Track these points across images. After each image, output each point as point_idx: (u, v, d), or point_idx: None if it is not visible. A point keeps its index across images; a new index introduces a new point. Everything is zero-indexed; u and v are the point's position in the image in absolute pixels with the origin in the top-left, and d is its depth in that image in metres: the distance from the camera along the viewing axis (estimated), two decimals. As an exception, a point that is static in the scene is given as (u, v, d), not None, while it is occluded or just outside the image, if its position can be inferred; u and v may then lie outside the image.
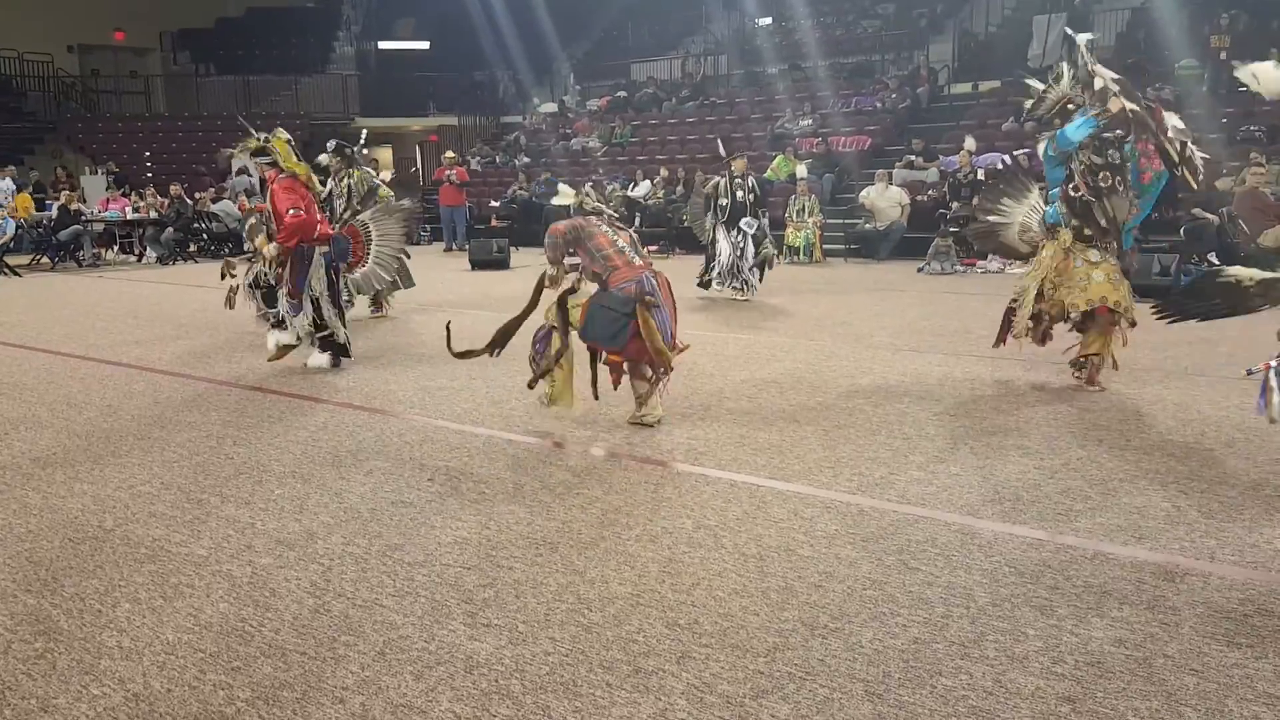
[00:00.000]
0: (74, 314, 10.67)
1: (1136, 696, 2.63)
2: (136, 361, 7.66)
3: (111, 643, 3.03)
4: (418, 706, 2.65)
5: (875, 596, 3.25)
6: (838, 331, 8.51)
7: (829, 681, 2.73)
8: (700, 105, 21.81)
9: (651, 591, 3.32)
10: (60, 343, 8.60)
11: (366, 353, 7.82)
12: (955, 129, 16.93)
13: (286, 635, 3.05)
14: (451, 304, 10.63)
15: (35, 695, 2.73)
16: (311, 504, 4.26)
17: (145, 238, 17.76)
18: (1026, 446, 4.90)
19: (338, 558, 3.65)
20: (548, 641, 2.98)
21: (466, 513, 4.11)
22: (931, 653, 2.87)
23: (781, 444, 5.06)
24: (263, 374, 7.05)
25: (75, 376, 7.13)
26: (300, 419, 5.74)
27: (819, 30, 22.60)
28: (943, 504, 4.13)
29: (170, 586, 3.43)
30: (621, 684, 2.74)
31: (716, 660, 2.85)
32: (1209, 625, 3.01)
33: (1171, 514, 3.95)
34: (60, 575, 3.55)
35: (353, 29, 28.89)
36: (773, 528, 3.89)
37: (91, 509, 4.25)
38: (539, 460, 4.85)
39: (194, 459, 4.97)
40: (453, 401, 6.10)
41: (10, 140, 22.83)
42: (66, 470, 4.83)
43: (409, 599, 3.30)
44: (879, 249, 15.29)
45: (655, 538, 3.80)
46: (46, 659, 2.94)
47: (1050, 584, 3.32)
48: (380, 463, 4.84)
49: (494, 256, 15.12)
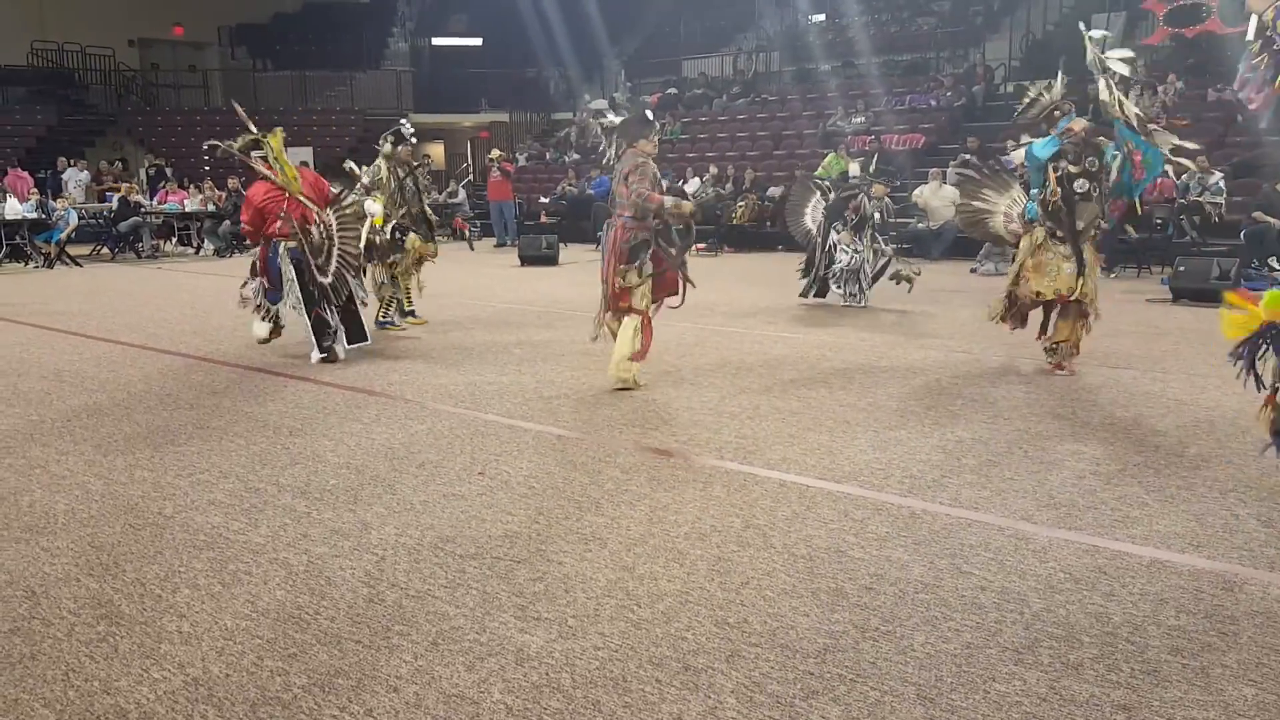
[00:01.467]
0: (133, 304, 10.89)
1: (1193, 706, 2.59)
2: (195, 352, 7.80)
3: (171, 627, 3.09)
4: (470, 697, 2.67)
5: (927, 600, 3.23)
6: (890, 331, 8.45)
7: (880, 684, 2.72)
8: (751, 102, 21.75)
9: (700, 589, 3.33)
10: (120, 332, 8.78)
11: (417, 349, 7.91)
12: (1011, 127, 16.69)
13: (341, 623, 3.10)
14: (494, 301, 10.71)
15: (98, 677, 2.80)
16: (365, 495, 4.31)
17: (203, 230, 18.08)
18: (1082, 452, 4.84)
19: (391, 548, 3.70)
20: (597, 636, 3.00)
21: (517, 507, 4.14)
22: (984, 658, 2.85)
23: (832, 444, 5.04)
24: (315, 366, 7.15)
25: (135, 365, 7.28)
26: (354, 411, 5.81)
27: (873, 27, 22.42)
28: (996, 508, 4.09)
29: (228, 573, 3.50)
30: (671, 681, 2.75)
31: (766, 660, 2.85)
32: (1268, 635, 2.96)
33: (1230, 522, 3.88)
34: (121, 560, 3.63)
35: (407, 25, 29.19)
36: (823, 528, 3.87)
37: (152, 495, 4.34)
38: (588, 456, 4.87)
39: (251, 449, 5.06)
40: (502, 397, 6.14)
41: (72, 132, 23.36)
42: (127, 457, 4.93)
43: (461, 590, 3.33)
44: (931, 249, 15.14)
45: (704, 536, 3.80)
46: (108, 642, 3.01)
47: (1106, 591, 3.27)
48: (432, 455, 4.89)
49: (543, 253, 15.19)
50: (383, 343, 8.08)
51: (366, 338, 7.62)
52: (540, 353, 7.56)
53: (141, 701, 2.67)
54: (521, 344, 7.97)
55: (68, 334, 8.73)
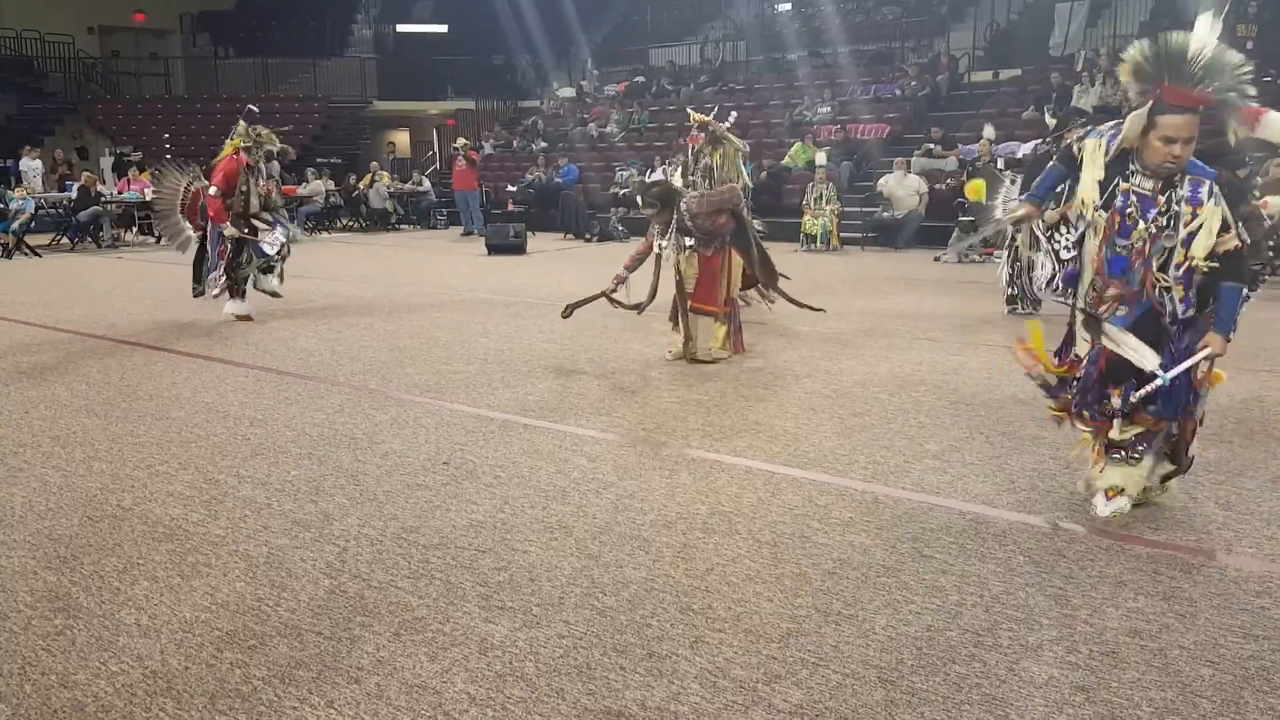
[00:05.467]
0: (93, 294, 10.74)
1: (1151, 687, 2.62)
2: (155, 342, 7.70)
3: (130, 620, 3.05)
4: (432, 687, 2.66)
5: (889, 584, 3.25)
6: (854, 319, 8.49)
7: (842, 667, 2.73)
8: (719, 91, 21.74)
9: (666, 576, 3.33)
10: (79, 323, 8.65)
11: (382, 337, 7.85)
12: (975, 117, 16.80)
13: (303, 615, 3.07)
14: (463, 291, 10.67)
15: (55, 671, 2.76)
16: (327, 486, 4.28)
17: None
18: (1041, 437, 4.88)
19: (353, 539, 3.67)
20: (562, 625, 3.00)
21: (482, 496, 4.12)
22: (945, 640, 2.87)
23: (797, 431, 5.06)
24: (278, 356, 7.08)
25: (94, 356, 7.18)
26: (317, 401, 5.76)
27: (839, 17, 22.47)
28: (957, 493, 4.12)
29: (188, 565, 3.46)
30: (635, 668, 2.75)
31: (730, 645, 2.86)
32: (1225, 617, 3.00)
33: (1189, 505, 3.93)
34: (79, 553, 3.58)
35: (371, 12, 28.91)
36: (787, 514, 3.89)
37: (110, 488, 4.29)
38: (554, 445, 4.86)
39: (211, 439, 5.00)
40: (468, 386, 6.11)
41: (31, 121, 22.95)
42: (85, 449, 4.87)
43: (424, 581, 3.31)
44: (897, 237, 15.22)
45: (670, 523, 3.81)
46: (66, 635, 2.97)
47: (1065, 574, 3.31)
48: (396, 445, 4.86)
49: (510, 241, 15.11)
50: (345, 331, 8.02)
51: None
52: (507, 342, 7.54)
53: (99, 695, 2.64)
54: (488, 333, 7.94)
55: (26, 325, 8.59)
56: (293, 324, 8.49)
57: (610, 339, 7.45)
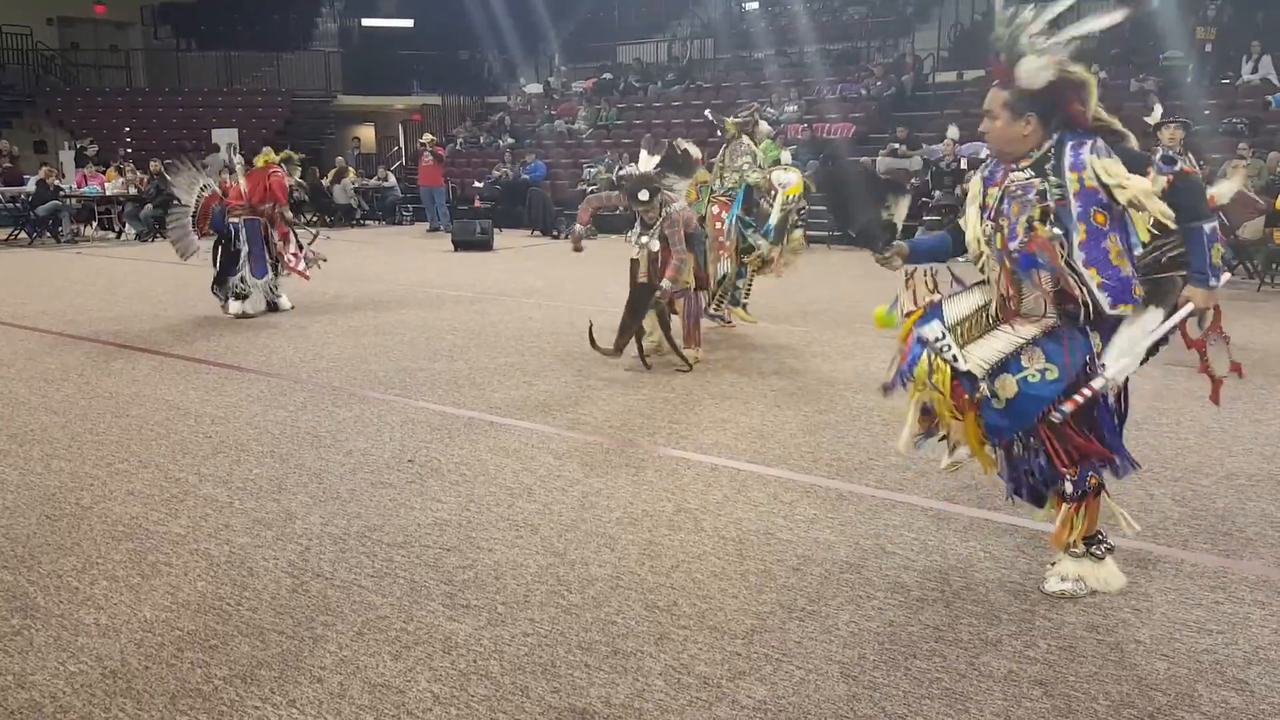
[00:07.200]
0: (52, 290, 10.58)
1: (1108, 681, 2.66)
2: (115, 339, 7.61)
3: (89, 620, 3.02)
4: (395, 686, 2.65)
5: (852, 580, 3.28)
6: (820, 318, 8.53)
7: (805, 663, 2.75)
8: (686, 89, 21.76)
9: (631, 574, 3.34)
10: (37, 319, 8.53)
11: (346, 334, 7.80)
12: (939, 118, 16.91)
13: (264, 614, 3.05)
14: (432, 287, 10.62)
15: (12, 671, 2.73)
16: (290, 484, 4.25)
17: (124, 214, 17.60)
18: (1004, 434, 4.93)
19: (316, 538, 3.65)
20: (526, 623, 3.00)
21: (447, 494, 4.11)
22: (907, 635, 2.90)
23: (763, 428, 5.08)
24: (240, 353, 7.02)
25: (52, 353, 7.08)
26: (279, 399, 5.71)
27: (807, 15, 22.55)
28: (920, 490, 4.16)
29: (148, 564, 3.42)
30: (600, 665, 2.75)
31: (694, 642, 2.87)
32: (1181, 612, 3.05)
33: (1145, 502, 3.99)
34: (37, 552, 3.53)
35: (335, 5, 28.63)
36: (752, 511, 3.91)
37: (69, 486, 4.23)
38: (520, 442, 4.85)
39: (171, 437, 4.95)
40: (434, 384, 6.09)
41: (-13, 113, 22.59)
42: (44, 447, 4.80)
43: (388, 580, 3.30)
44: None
45: (636, 520, 3.81)
46: (24, 635, 2.93)
47: (1024, 569, 3.35)
48: (360, 443, 4.83)
49: (477, 238, 15.04)
50: (310, 329, 7.96)
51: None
52: (473, 339, 7.51)
53: (58, 695, 2.61)
54: (454, 330, 7.91)
55: (-18, 321, 8.46)
56: (255, 320, 8.41)
57: (577, 337, 7.44)
